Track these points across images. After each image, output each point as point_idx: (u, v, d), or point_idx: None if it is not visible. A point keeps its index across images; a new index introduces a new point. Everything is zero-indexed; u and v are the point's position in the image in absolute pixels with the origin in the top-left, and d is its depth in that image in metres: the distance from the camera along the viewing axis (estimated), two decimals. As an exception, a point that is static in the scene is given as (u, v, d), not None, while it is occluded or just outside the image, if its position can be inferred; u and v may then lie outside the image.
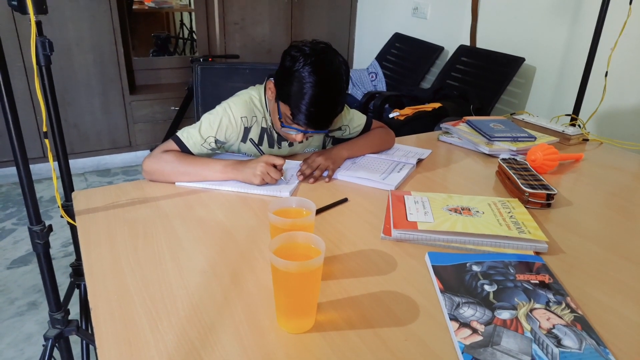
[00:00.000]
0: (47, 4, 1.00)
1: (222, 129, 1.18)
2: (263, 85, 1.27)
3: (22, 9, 0.94)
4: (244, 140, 1.25)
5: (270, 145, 1.30)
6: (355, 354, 0.64)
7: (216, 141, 1.19)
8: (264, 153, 1.21)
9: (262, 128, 1.26)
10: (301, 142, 1.23)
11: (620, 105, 2.09)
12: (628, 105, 2.07)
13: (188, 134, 1.16)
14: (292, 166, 1.22)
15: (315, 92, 1.06)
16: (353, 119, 1.36)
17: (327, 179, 1.18)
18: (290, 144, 1.32)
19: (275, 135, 1.28)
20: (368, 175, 1.18)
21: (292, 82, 1.06)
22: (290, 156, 1.32)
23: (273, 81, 1.17)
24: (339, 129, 1.36)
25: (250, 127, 1.24)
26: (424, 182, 1.21)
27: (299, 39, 1.14)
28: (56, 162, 1.21)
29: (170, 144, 1.16)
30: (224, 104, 1.21)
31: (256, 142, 1.26)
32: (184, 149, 1.16)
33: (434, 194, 1.07)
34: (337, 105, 1.12)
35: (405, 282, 0.80)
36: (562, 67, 2.33)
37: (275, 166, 1.10)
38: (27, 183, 0.91)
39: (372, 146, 1.34)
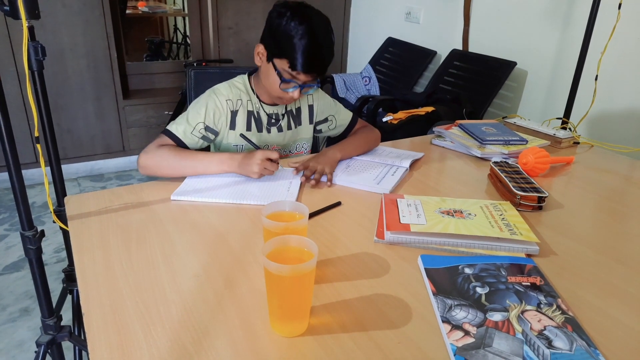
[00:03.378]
0: (41, 9, 1.00)
1: (210, 114, 1.21)
2: (246, 74, 1.31)
3: (14, 14, 0.94)
4: (232, 127, 1.26)
5: (259, 130, 1.31)
6: (349, 357, 0.64)
7: (206, 128, 1.21)
8: (258, 147, 1.23)
9: (248, 111, 1.28)
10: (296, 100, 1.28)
11: (611, 108, 2.11)
12: (618, 109, 2.09)
13: (176, 125, 1.20)
14: (288, 173, 1.22)
15: (310, 36, 1.12)
16: (339, 112, 1.41)
17: (328, 183, 1.18)
18: (280, 129, 1.33)
19: (265, 119, 1.30)
20: (363, 180, 1.19)
21: (287, 33, 1.12)
22: (283, 158, 1.33)
23: (262, 45, 1.19)
24: (326, 120, 1.40)
25: (237, 111, 1.26)
26: (416, 186, 1.21)
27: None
28: (49, 168, 1.21)
29: (163, 138, 1.19)
30: (208, 91, 1.25)
31: (245, 128, 1.28)
32: (175, 140, 1.19)
33: (427, 197, 1.08)
34: (331, 46, 1.18)
35: (398, 285, 0.80)
36: (553, 71, 2.35)
37: (271, 160, 1.14)
38: (19, 188, 0.90)
39: (362, 146, 1.37)
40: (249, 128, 1.29)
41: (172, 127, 1.19)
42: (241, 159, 1.15)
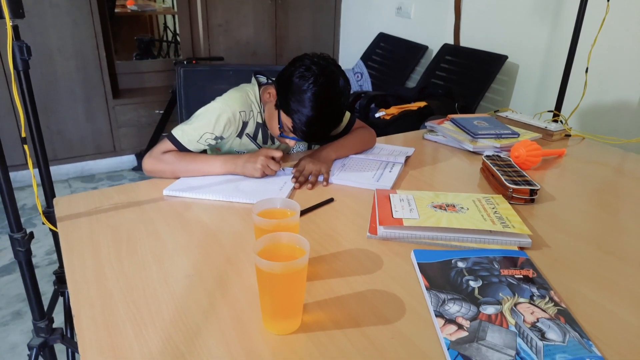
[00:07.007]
0: (27, 10, 0.99)
1: (221, 125, 1.18)
2: (254, 83, 1.29)
3: (-2, 13, 0.92)
4: (239, 135, 1.27)
5: (265, 141, 1.33)
6: (342, 354, 0.64)
7: (215, 138, 1.19)
8: (261, 147, 1.22)
9: (257, 123, 1.28)
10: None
11: (601, 100, 2.12)
12: (608, 101, 2.10)
13: (182, 132, 1.17)
14: (287, 173, 1.21)
15: (320, 114, 1.10)
16: None
17: (324, 183, 1.17)
18: None
19: (269, 131, 1.31)
20: (362, 178, 1.18)
21: (299, 100, 1.09)
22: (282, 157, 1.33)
23: (274, 87, 1.18)
24: None
25: (247, 122, 1.26)
26: (409, 181, 1.21)
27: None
28: (37, 169, 1.20)
29: (167, 144, 1.17)
30: (220, 100, 1.22)
31: (252, 137, 1.29)
32: (179, 147, 1.17)
33: (419, 192, 1.08)
34: (337, 123, 1.18)
35: (392, 280, 0.80)
36: (544, 64, 2.36)
37: (273, 158, 1.15)
38: (6, 189, 0.89)
39: (357, 147, 1.36)
40: (255, 138, 1.30)
41: (178, 133, 1.16)
42: (244, 159, 1.15)
